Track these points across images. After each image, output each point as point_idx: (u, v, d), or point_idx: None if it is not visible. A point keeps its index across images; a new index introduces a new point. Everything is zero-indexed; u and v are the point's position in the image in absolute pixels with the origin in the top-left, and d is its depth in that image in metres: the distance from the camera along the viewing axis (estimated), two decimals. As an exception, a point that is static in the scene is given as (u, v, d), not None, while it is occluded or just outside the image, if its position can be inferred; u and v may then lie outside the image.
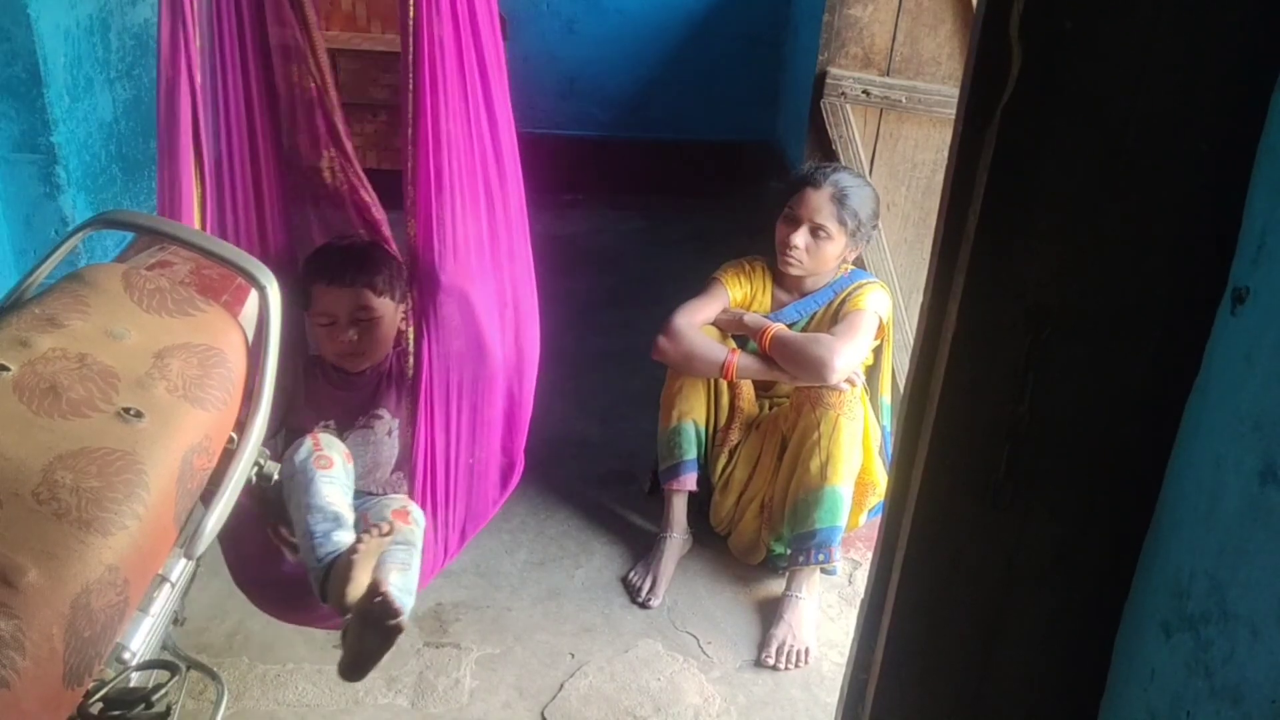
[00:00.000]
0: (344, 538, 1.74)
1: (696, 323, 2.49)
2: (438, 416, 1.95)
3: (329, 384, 2.02)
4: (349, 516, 1.79)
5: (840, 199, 2.40)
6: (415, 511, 1.92)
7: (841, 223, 2.41)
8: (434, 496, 1.98)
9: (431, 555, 2.00)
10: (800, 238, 2.41)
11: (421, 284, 1.95)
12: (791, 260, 2.44)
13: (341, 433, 1.97)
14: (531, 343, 2.11)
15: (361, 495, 1.94)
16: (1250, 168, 0.82)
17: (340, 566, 1.68)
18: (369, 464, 1.98)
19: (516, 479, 2.16)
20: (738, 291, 2.56)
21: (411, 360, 2.01)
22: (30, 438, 1.28)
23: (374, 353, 1.98)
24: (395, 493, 1.99)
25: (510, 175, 1.97)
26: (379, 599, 1.65)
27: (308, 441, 1.83)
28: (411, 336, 2.01)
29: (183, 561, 1.45)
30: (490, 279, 1.97)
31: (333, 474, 1.81)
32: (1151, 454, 0.93)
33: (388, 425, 2.01)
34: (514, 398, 2.10)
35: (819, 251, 2.43)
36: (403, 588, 1.78)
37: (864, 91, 2.78)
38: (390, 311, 1.97)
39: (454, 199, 1.89)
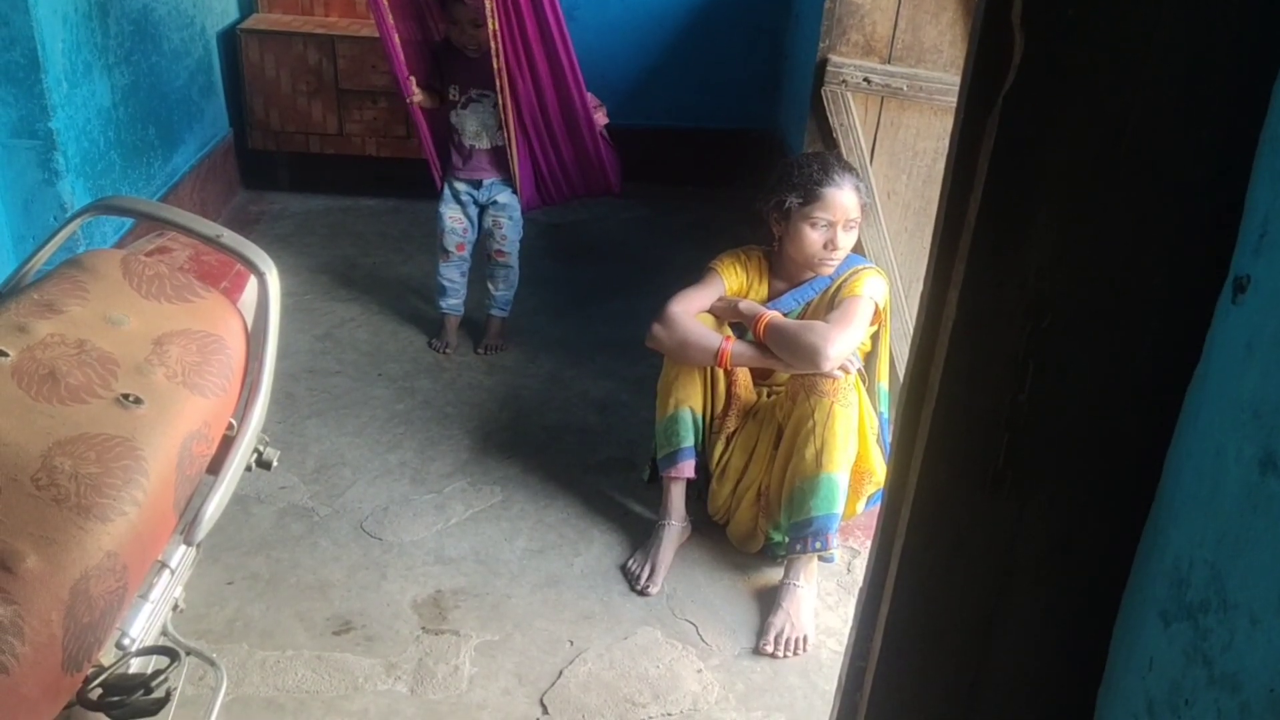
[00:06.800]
0: (452, 301, 3.49)
1: (692, 310, 2.49)
2: (528, 130, 3.30)
3: (460, 59, 3.29)
4: (457, 286, 3.48)
5: (858, 187, 2.44)
6: (510, 251, 3.43)
7: (862, 205, 2.46)
8: (554, 173, 3.42)
9: (545, 194, 3.48)
10: (843, 239, 2.44)
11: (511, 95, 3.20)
12: (834, 260, 2.47)
13: (464, 94, 3.29)
14: (579, 111, 3.31)
15: (486, 178, 3.38)
16: (1252, 156, 0.82)
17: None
18: (482, 125, 3.31)
19: (617, 175, 3.49)
20: (734, 280, 2.56)
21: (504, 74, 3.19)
22: (29, 423, 1.28)
23: (477, 41, 3.21)
24: (499, 163, 3.36)
25: (558, 29, 3.18)
26: None
27: (448, 220, 3.40)
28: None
29: (182, 548, 1.46)
30: (548, 75, 3.24)
31: (450, 261, 3.44)
32: (1151, 443, 0.93)
33: (494, 100, 3.22)
34: (577, 131, 3.34)
35: (849, 241, 2.46)
36: (504, 297, 3.47)
37: (865, 79, 2.77)
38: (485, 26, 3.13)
39: (521, 47, 3.13)
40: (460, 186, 3.39)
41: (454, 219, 3.40)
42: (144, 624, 1.35)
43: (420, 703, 2.13)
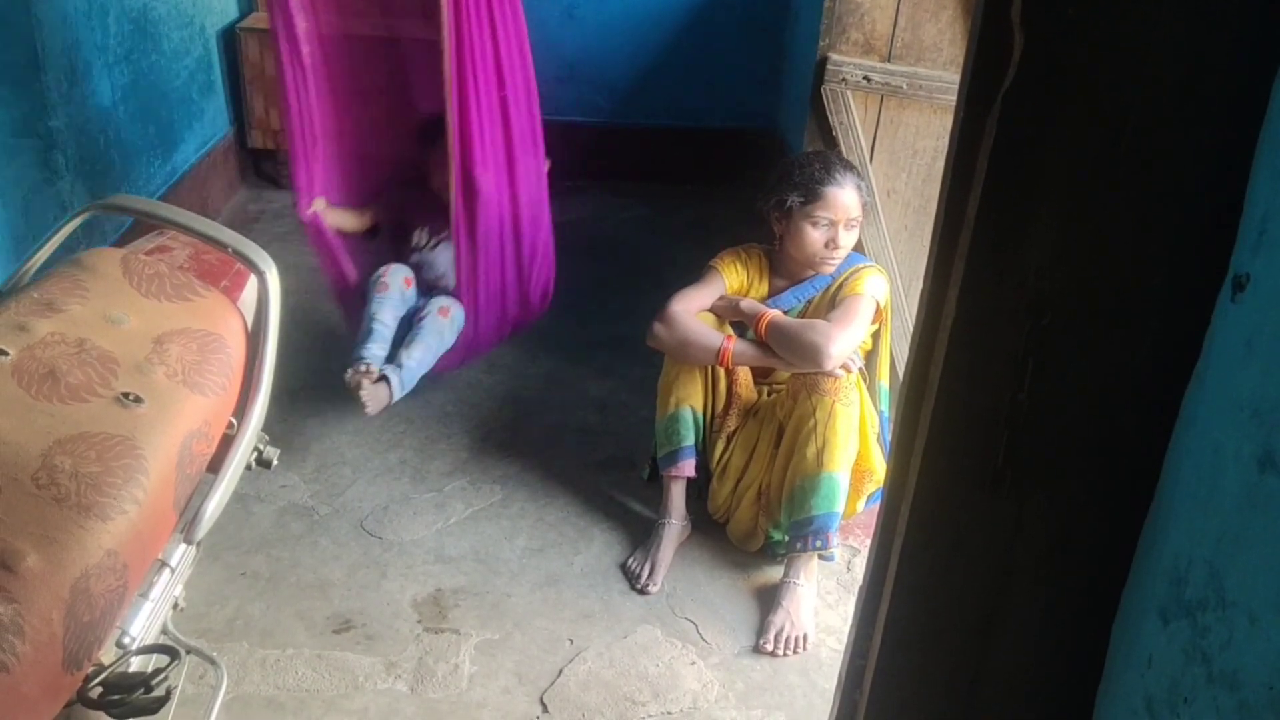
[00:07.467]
0: (374, 349, 2.75)
1: (693, 309, 2.49)
2: (480, 258, 2.89)
3: (430, 202, 2.99)
4: (386, 331, 2.80)
5: (859, 186, 2.43)
6: (455, 311, 2.90)
7: (863, 205, 2.47)
8: (475, 298, 2.94)
9: (473, 340, 2.99)
10: (844, 238, 2.44)
11: (471, 192, 2.80)
12: (835, 259, 2.47)
13: (433, 238, 3.01)
14: (543, 213, 3.05)
15: (438, 290, 2.98)
16: (1251, 154, 0.82)
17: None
18: (451, 264, 2.94)
19: (549, 300, 3.18)
20: (734, 279, 2.56)
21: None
22: (29, 422, 1.28)
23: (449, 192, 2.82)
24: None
25: (526, 106, 2.91)
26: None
27: (381, 270, 2.89)
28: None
29: (183, 546, 1.46)
30: (505, 173, 2.88)
31: (387, 295, 2.85)
32: (1150, 441, 0.93)
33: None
34: (532, 247, 3.04)
35: (850, 240, 2.47)
36: (419, 359, 2.79)
37: (865, 78, 2.77)
38: None
39: (481, 126, 2.75)
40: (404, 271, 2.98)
41: (398, 272, 2.94)
42: (144, 622, 1.35)
43: (420, 701, 2.13)
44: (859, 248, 2.61)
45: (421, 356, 2.81)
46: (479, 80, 2.69)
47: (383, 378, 2.74)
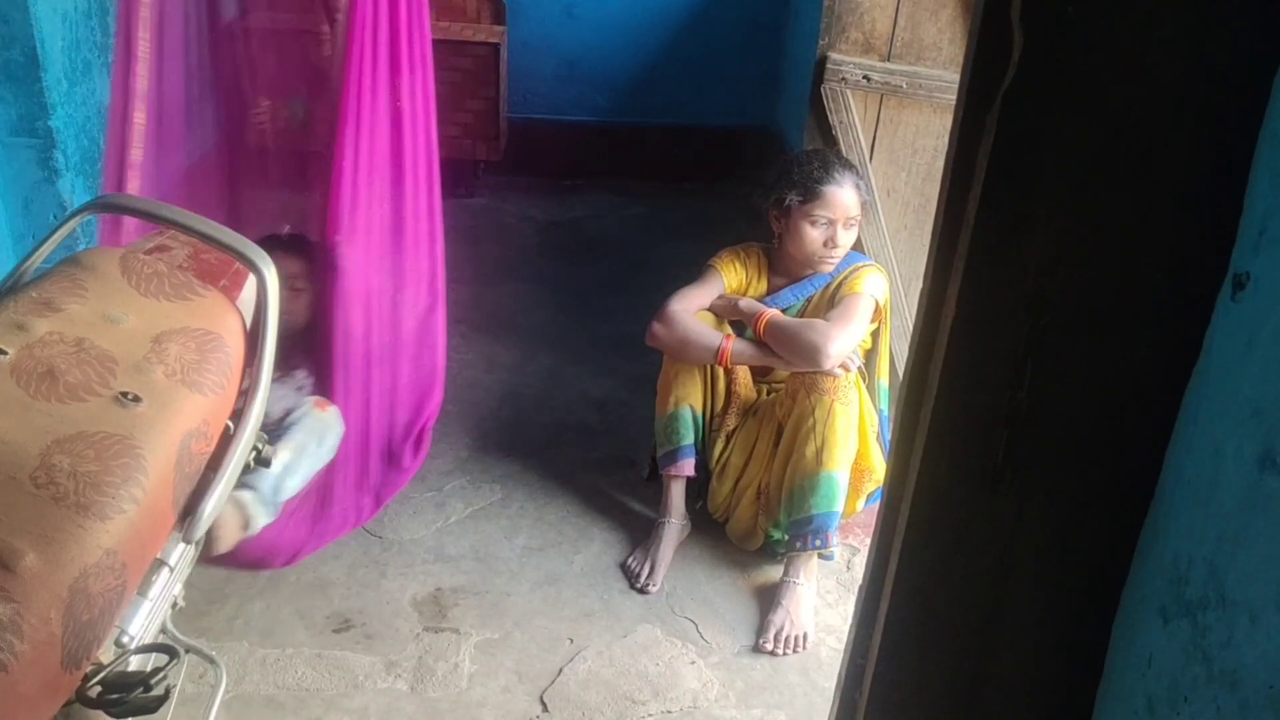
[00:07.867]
0: None
1: (691, 309, 2.49)
2: (337, 382, 2.16)
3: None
4: None
5: (858, 185, 2.44)
6: (334, 409, 2.12)
7: (863, 204, 2.47)
8: (347, 459, 2.20)
9: (317, 512, 2.22)
10: (844, 237, 2.44)
11: (329, 269, 2.14)
12: (835, 258, 2.47)
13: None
14: (434, 325, 2.36)
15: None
16: (1251, 153, 0.82)
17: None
18: (284, 408, 2.08)
19: (424, 451, 2.43)
20: (733, 278, 2.56)
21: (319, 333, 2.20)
22: (28, 422, 1.28)
23: (292, 317, 2.12)
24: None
25: (422, 177, 2.23)
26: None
27: None
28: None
29: (181, 545, 1.46)
30: (388, 267, 2.22)
31: None
32: (1150, 440, 0.93)
33: (299, 381, 2.19)
34: (415, 374, 2.36)
35: (849, 239, 2.47)
36: (288, 464, 1.93)
37: (865, 77, 2.76)
38: (308, 289, 2.20)
39: (354, 183, 2.10)
40: None
41: None
42: (143, 621, 1.35)
43: (420, 700, 2.13)
44: (859, 246, 2.61)
45: (291, 461, 1.95)
46: (361, 118, 2.07)
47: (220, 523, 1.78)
